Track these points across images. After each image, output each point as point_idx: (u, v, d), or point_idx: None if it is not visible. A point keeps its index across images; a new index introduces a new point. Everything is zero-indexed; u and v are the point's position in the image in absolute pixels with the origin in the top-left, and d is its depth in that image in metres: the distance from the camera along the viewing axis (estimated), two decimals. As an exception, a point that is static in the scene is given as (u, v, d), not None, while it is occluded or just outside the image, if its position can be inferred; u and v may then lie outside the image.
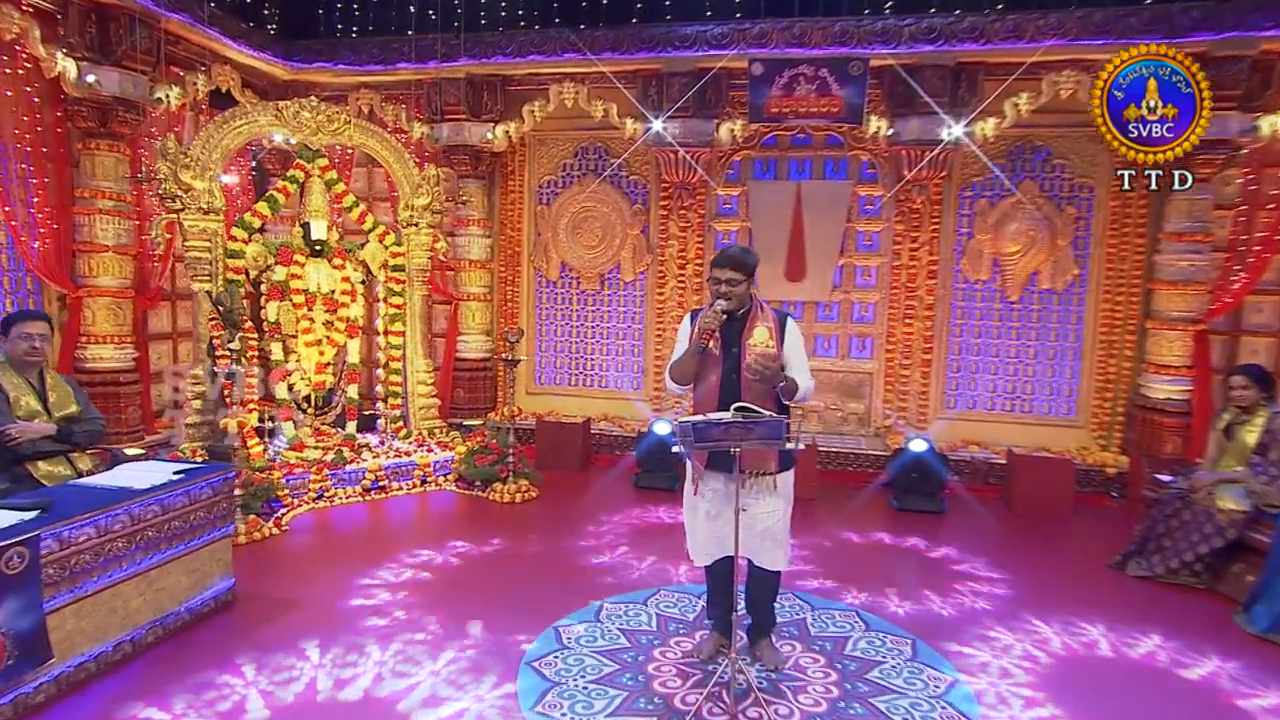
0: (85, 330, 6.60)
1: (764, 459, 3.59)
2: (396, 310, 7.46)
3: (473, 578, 5.03)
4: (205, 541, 4.42)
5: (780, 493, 3.65)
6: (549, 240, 8.62)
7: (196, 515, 4.36)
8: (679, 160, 7.73)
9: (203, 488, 4.39)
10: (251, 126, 6.64)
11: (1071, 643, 4.34)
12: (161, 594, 4.15)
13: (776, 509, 3.64)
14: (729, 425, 3.27)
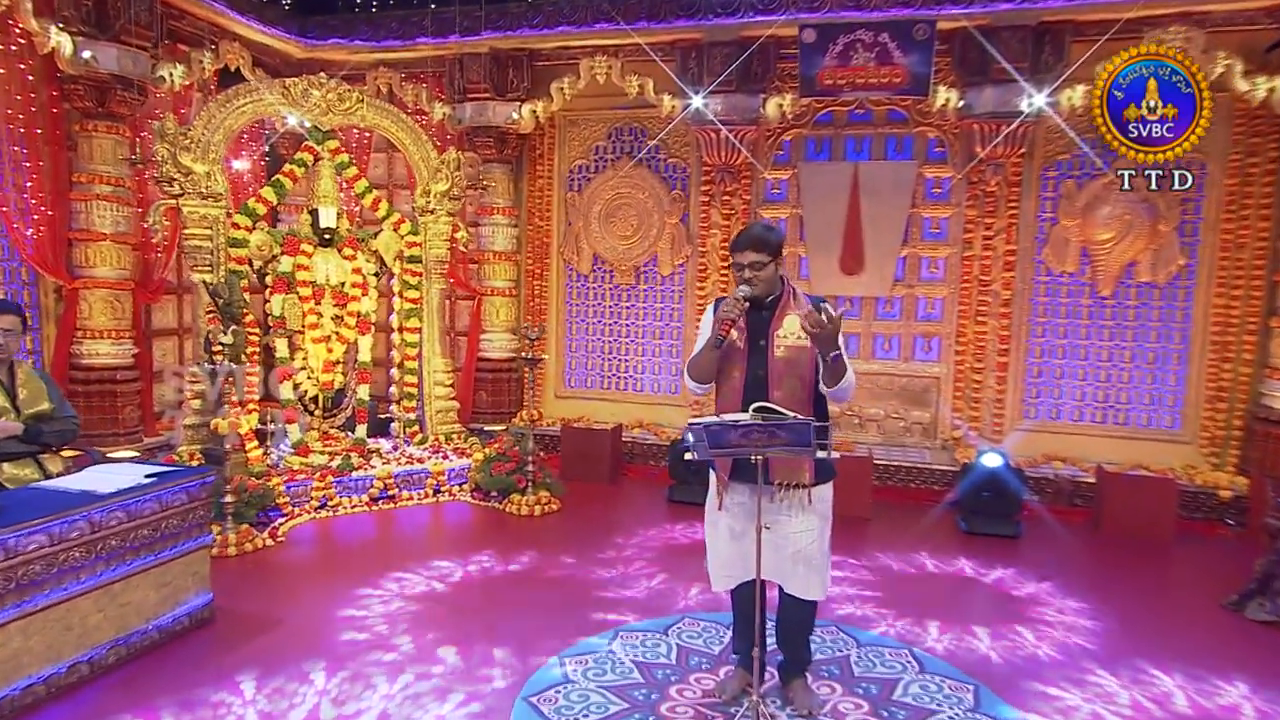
0: (81, 324, 6.57)
1: (796, 468, 3.29)
2: (412, 305, 7.30)
3: (476, 598, 4.80)
4: (178, 552, 4.24)
5: (816, 509, 3.35)
6: (580, 230, 8.41)
7: (169, 523, 4.18)
8: (721, 141, 7.42)
9: (176, 493, 4.21)
10: (256, 105, 6.54)
11: (1204, 703, 3.82)
12: (126, 610, 3.97)
13: (811, 528, 3.34)
14: (748, 428, 2.97)
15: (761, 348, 3.26)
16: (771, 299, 3.29)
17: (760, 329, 3.29)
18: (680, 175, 8.13)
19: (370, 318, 7.09)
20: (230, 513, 5.44)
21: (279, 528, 5.78)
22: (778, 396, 3.20)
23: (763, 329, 3.28)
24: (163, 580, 4.17)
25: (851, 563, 5.48)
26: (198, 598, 4.36)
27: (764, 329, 3.28)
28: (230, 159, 7.96)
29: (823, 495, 3.37)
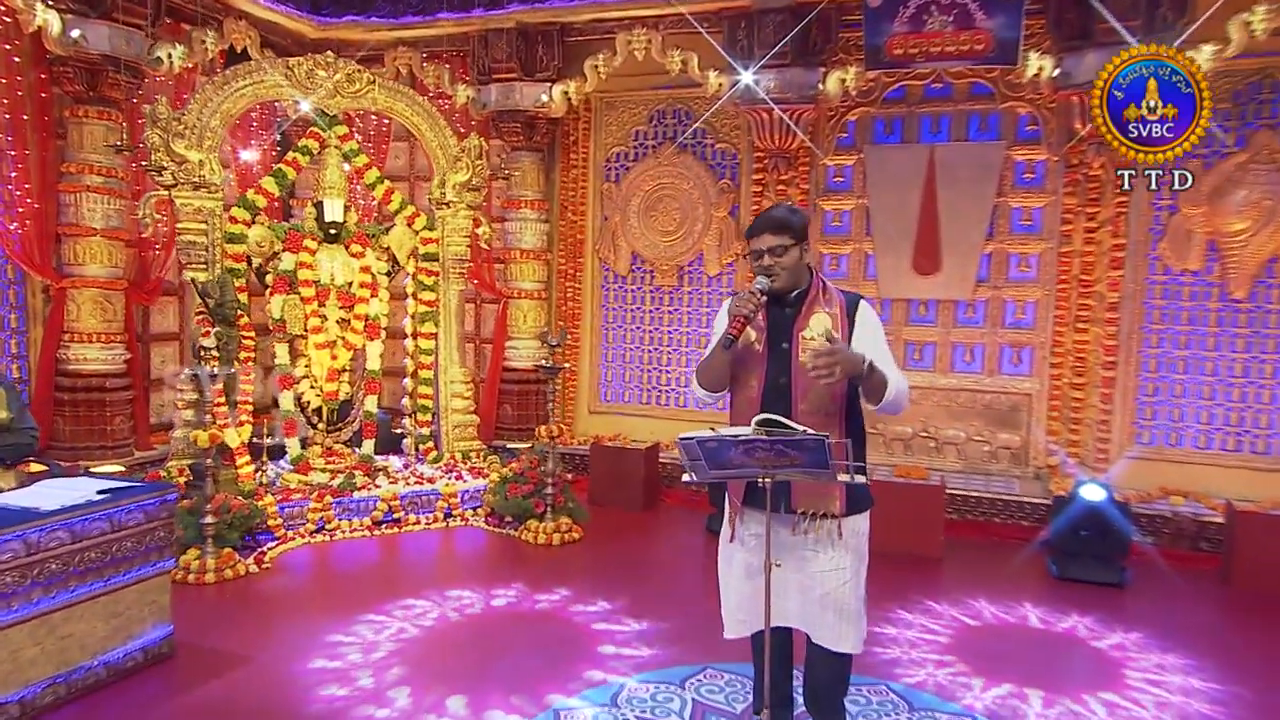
0: (68, 326, 6.56)
1: (823, 495, 2.98)
2: (427, 308, 7.14)
3: (470, 637, 4.55)
4: (133, 578, 4.07)
5: (849, 544, 3.03)
6: (617, 225, 8.21)
7: (122, 546, 4.01)
8: (775, 122, 7.11)
9: (131, 512, 4.04)
10: (257, 88, 6.46)
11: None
12: (68, 643, 3.80)
13: (843, 566, 3.03)
14: (752, 445, 2.68)
15: (784, 351, 3.00)
16: (797, 293, 3.04)
17: (783, 328, 3.02)
18: (729, 163, 7.86)
19: (380, 321, 6.95)
20: (210, 535, 5.29)
21: (266, 553, 5.61)
22: (802, 409, 2.94)
23: (785, 328, 3.01)
24: (113, 610, 3.99)
25: (914, 613, 5.06)
26: (155, 630, 4.18)
27: (787, 328, 3.01)
28: (238, 149, 7.96)
29: (857, 528, 3.05)
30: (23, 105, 6.31)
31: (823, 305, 3.02)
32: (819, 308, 3.01)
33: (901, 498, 6.13)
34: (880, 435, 7.46)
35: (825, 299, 3.04)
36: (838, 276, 7.56)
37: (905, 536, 6.03)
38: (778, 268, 2.98)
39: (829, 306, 3.02)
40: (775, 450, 2.70)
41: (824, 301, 3.03)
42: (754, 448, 2.70)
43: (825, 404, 2.94)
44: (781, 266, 2.98)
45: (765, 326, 3.04)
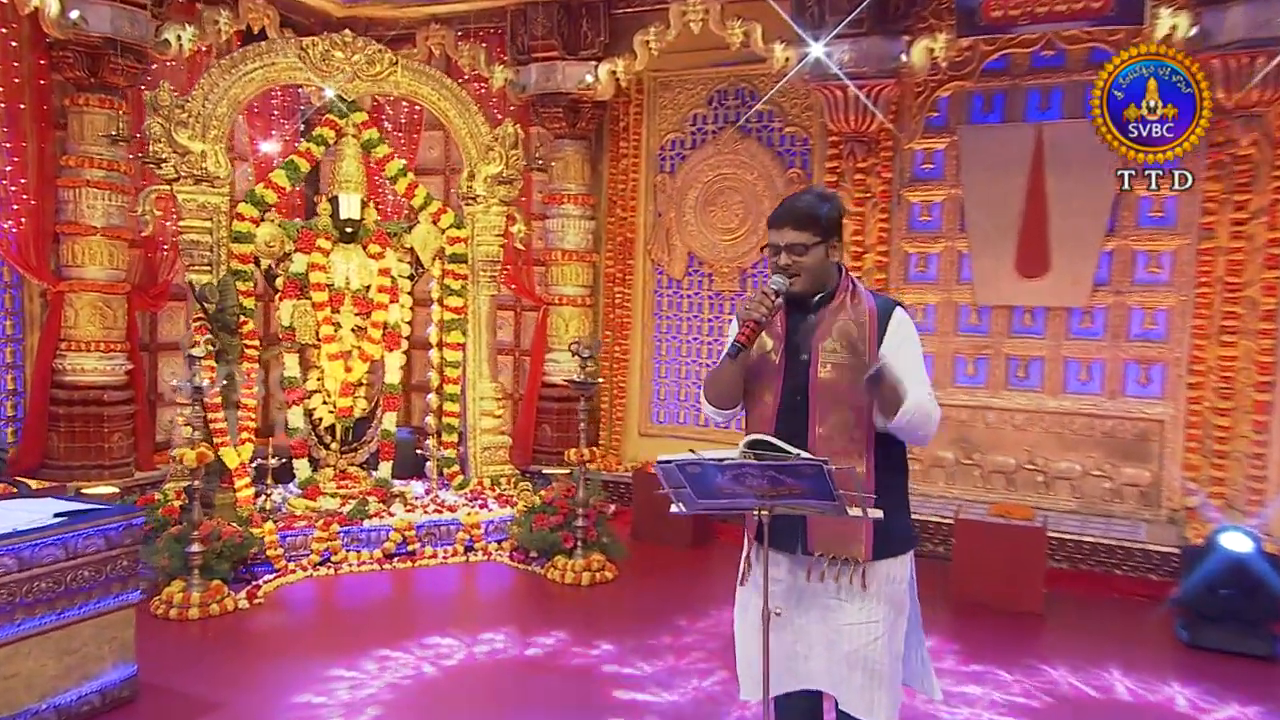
0: (65, 333, 6.71)
1: (845, 536, 2.83)
2: (454, 315, 7.12)
3: (468, 690, 4.48)
4: (90, 612, 4.06)
5: (881, 594, 2.87)
6: (672, 222, 8.11)
7: (79, 575, 4.00)
8: (850, 101, 6.89)
9: (89, 537, 4.03)
10: (268, 71, 6.53)
11: None
12: (13, 683, 3.79)
13: (873, 619, 2.87)
14: (740, 470, 2.55)
15: (802, 364, 2.88)
16: (821, 296, 2.92)
17: (803, 337, 2.90)
18: (800, 149, 7.70)
19: (401, 330, 6.94)
20: (197, 565, 5.30)
21: (261, 587, 5.60)
22: (820, 433, 2.82)
23: (805, 337, 2.89)
24: (66, 647, 3.98)
25: (1006, 678, 4.73)
26: (114, 671, 4.16)
27: (806, 337, 2.89)
28: (257, 138, 8.09)
29: (892, 574, 2.88)
30: (20, 93, 6.51)
31: (849, 312, 2.90)
32: (845, 315, 2.89)
33: (994, 540, 5.87)
34: (977, 466, 7.14)
35: (853, 304, 2.91)
36: (925, 280, 7.30)
37: (998, 586, 5.79)
38: (797, 268, 2.86)
39: (856, 314, 2.90)
40: (768, 477, 2.56)
41: (851, 307, 2.90)
42: (743, 474, 2.57)
43: (848, 426, 2.80)
44: (802, 267, 2.86)
45: (784, 334, 2.92)
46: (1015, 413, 7.06)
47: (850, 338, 2.87)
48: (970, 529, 6.00)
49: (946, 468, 7.24)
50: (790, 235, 2.87)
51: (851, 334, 2.87)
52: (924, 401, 2.77)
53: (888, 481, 2.82)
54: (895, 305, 2.96)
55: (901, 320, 2.92)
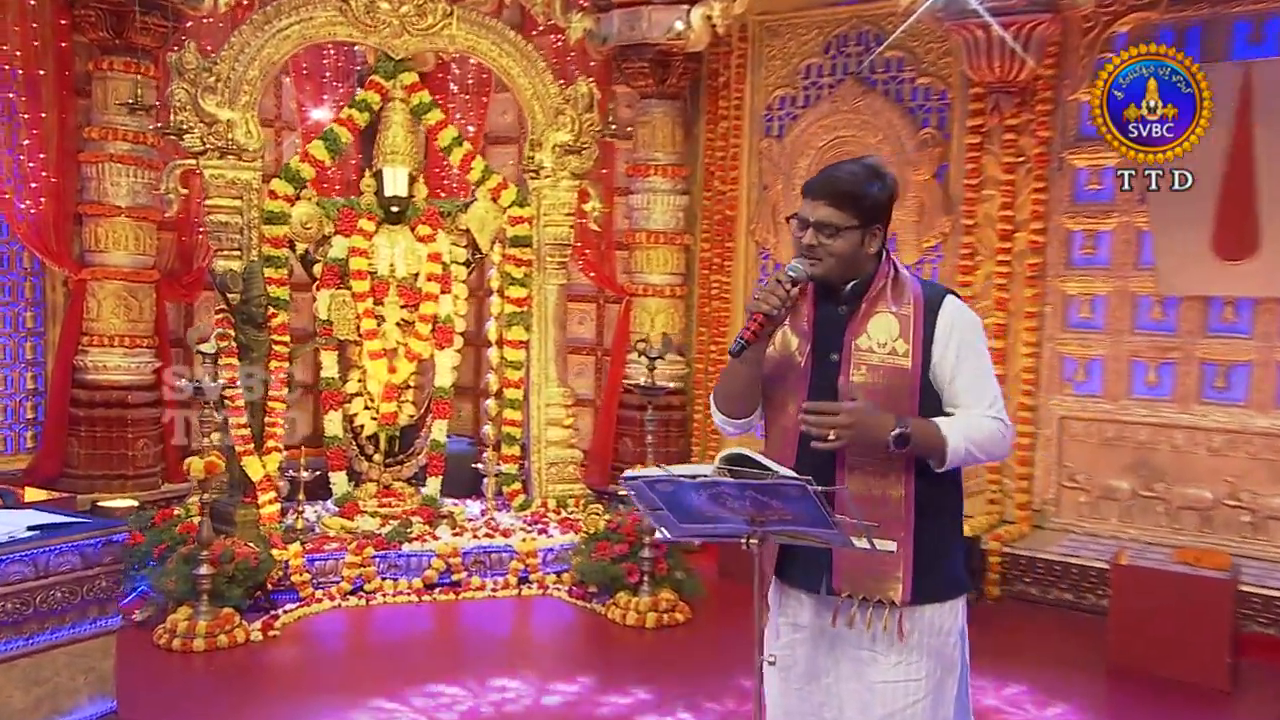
0: (87, 327, 7.07)
1: (876, 573, 2.81)
2: (516, 308, 7.21)
3: None
4: (64, 638, 4.21)
5: (923, 645, 2.86)
6: (779, 196, 8.07)
7: (50, 596, 4.16)
8: (995, 44, 6.67)
9: (63, 554, 4.20)
10: (304, 27, 6.73)
11: None
12: (-27, 715, 3.99)
13: (915, 677, 2.85)
14: (716, 489, 2.56)
15: (832, 365, 2.84)
16: (854, 285, 2.87)
17: (833, 334, 2.86)
18: (936, 103, 7.56)
19: (453, 324, 7.08)
20: (206, 590, 5.48)
21: (280, 617, 5.76)
22: (852, 451, 2.77)
23: (835, 334, 2.85)
24: (35, 676, 4.14)
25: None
26: (90, 705, 4.32)
27: (837, 335, 2.85)
28: (306, 104, 8.35)
29: (938, 624, 2.84)
30: (40, 59, 6.89)
31: (889, 303, 2.86)
32: (883, 306, 2.86)
33: (1163, 594, 5.55)
34: (1161, 500, 6.79)
35: (895, 294, 2.88)
36: (1093, 265, 7.01)
37: (1168, 651, 5.45)
38: (823, 251, 2.81)
39: (898, 304, 2.87)
40: (748, 498, 2.55)
41: (892, 297, 2.87)
42: (721, 493, 2.57)
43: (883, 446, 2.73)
44: (829, 252, 2.81)
45: (811, 330, 2.89)
46: (1212, 433, 6.70)
47: (891, 334, 2.84)
48: (1132, 578, 5.72)
49: (1121, 501, 6.91)
50: (823, 211, 2.82)
51: (893, 329, 2.84)
52: (976, 433, 2.76)
53: (933, 511, 2.80)
54: (947, 294, 2.93)
55: (956, 312, 2.88)
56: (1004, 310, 7.16)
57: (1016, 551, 6.70)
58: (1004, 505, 7.14)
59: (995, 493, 7.15)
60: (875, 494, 2.78)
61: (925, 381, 2.83)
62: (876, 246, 2.89)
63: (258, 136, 6.60)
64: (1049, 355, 7.10)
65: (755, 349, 2.83)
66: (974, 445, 2.76)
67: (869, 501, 2.75)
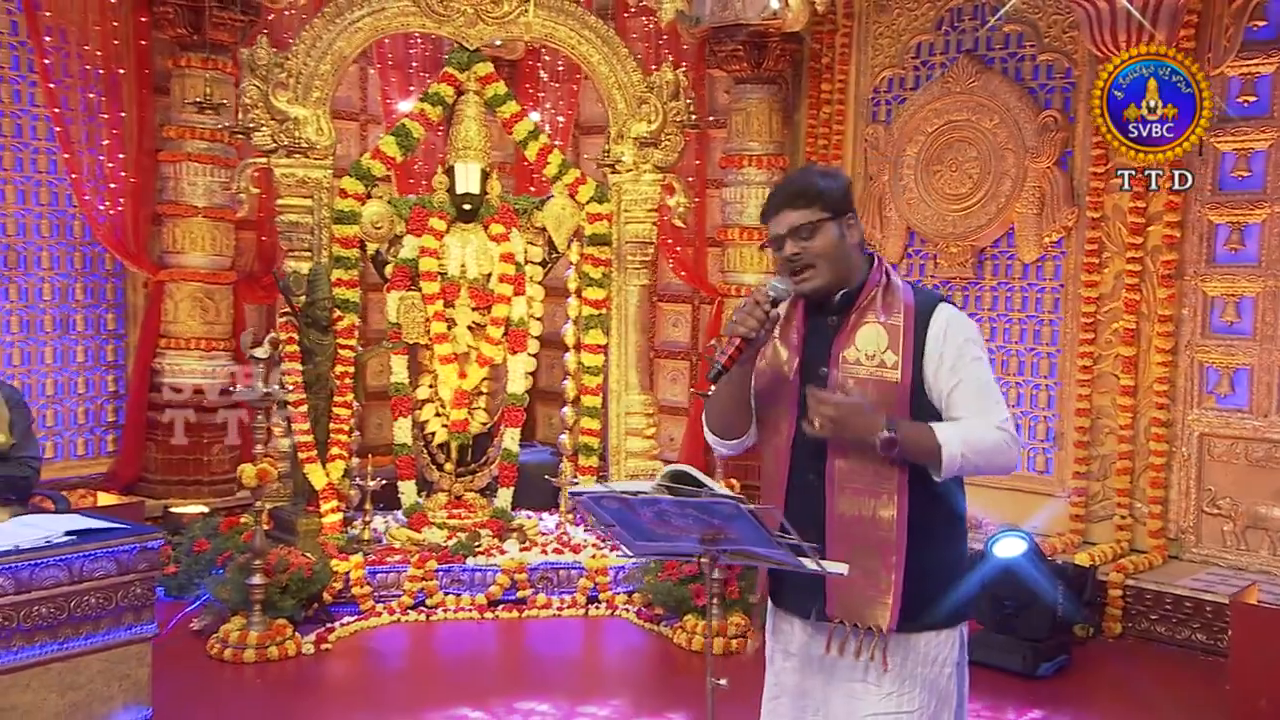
0: (164, 329, 7.72)
1: (865, 597, 2.96)
2: (595, 310, 7.49)
3: None
4: (98, 644, 4.69)
5: (915, 676, 3.00)
6: (886, 187, 8.18)
7: (84, 602, 4.66)
8: (1119, 16, 6.62)
9: (97, 559, 4.68)
10: (376, 19, 7.20)
11: None
12: (9, 716, 4.49)
13: (906, 709, 2.98)
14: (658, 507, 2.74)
15: (821, 378, 2.99)
16: (845, 294, 3.01)
17: (822, 346, 3.02)
18: (1060, 82, 7.55)
19: (528, 327, 7.41)
20: (258, 601, 5.96)
21: (335, 629, 6.21)
22: (841, 467, 2.95)
23: (825, 346, 3.01)
24: (70, 681, 4.64)
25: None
26: (125, 713, 4.80)
27: (824, 348, 3.01)
28: (392, 97, 8.85)
29: (931, 654, 3.00)
30: (119, 57, 7.57)
31: (879, 312, 2.98)
32: (872, 316, 2.99)
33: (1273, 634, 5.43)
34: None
35: (886, 303, 3.00)
36: (1240, 262, 6.89)
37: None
38: (808, 257, 2.96)
39: (888, 314, 2.99)
40: (689, 516, 2.73)
41: (883, 306, 2.99)
42: (663, 511, 2.75)
43: (876, 460, 2.88)
44: (814, 254, 2.95)
45: (800, 343, 3.04)
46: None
47: (879, 345, 2.96)
48: (1254, 619, 5.61)
49: (1271, 531, 6.75)
50: (790, 218, 2.97)
51: (881, 340, 2.96)
52: (975, 439, 2.86)
53: (927, 534, 2.90)
54: (940, 301, 3.03)
55: (949, 321, 2.98)
56: (1134, 313, 7.11)
57: (1142, 585, 6.62)
58: (1134, 532, 7.07)
59: (1124, 518, 7.09)
60: (865, 514, 2.91)
61: (917, 395, 2.95)
62: (857, 236, 3.03)
63: (329, 133, 7.09)
64: (1187, 364, 7.00)
65: (744, 366, 2.98)
66: (972, 452, 2.85)
67: (859, 522, 2.91)
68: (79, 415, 7.81)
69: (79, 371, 7.82)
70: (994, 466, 2.93)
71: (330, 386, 6.89)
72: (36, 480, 5.38)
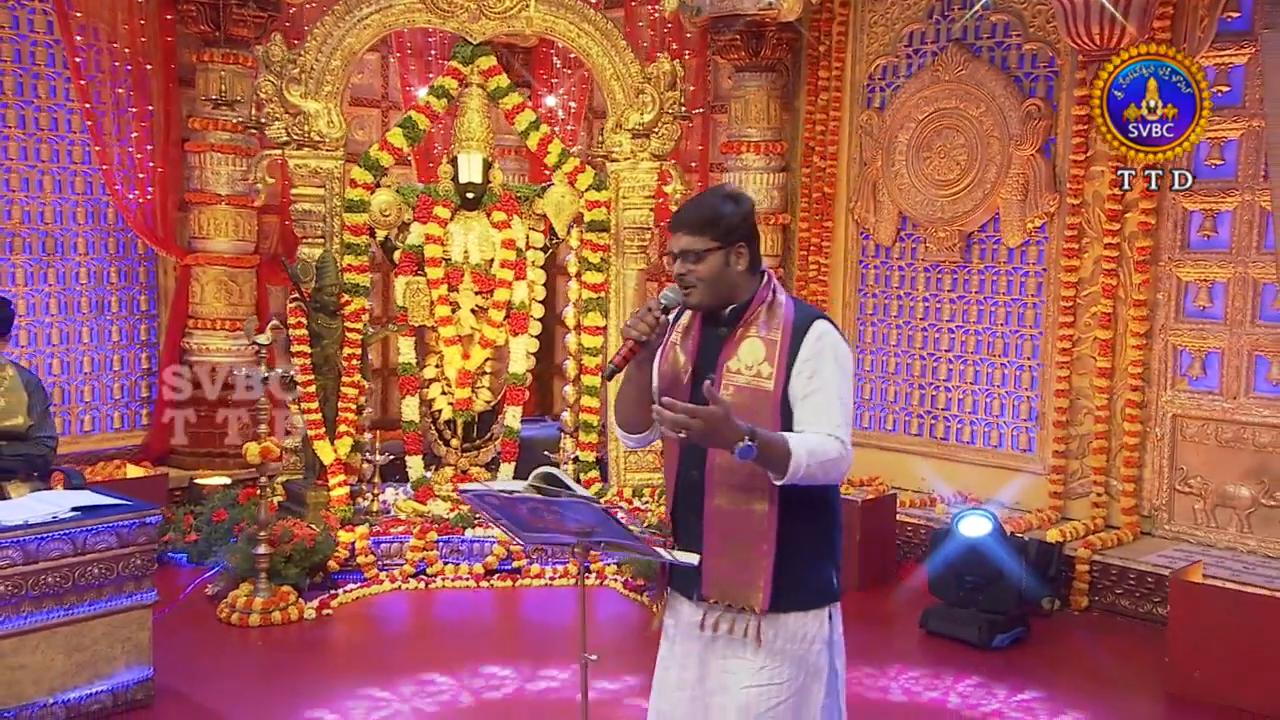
0: (192, 310, 8.15)
1: (739, 580, 3.18)
2: (593, 293, 7.77)
3: None
4: (100, 610, 5.12)
5: (786, 652, 3.20)
6: (878, 173, 8.32)
7: (88, 572, 5.08)
8: (1093, 9, 6.70)
9: (99, 533, 5.11)
10: (384, 15, 7.53)
11: None
12: (20, 675, 4.93)
13: (776, 681, 3.18)
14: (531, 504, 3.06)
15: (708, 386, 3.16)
16: (733, 309, 3.23)
17: (711, 355, 3.24)
18: (1044, 71, 7.66)
19: (529, 310, 7.72)
20: (264, 569, 6.37)
21: (337, 596, 6.61)
22: (720, 464, 3.14)
23: (714, 355, 3.23)
24: (75, 643, 5.08)
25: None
26: (128, 672, 5.23)
27: (714, 355, 3.22)
28: (410, 83, 9.16)
29: (800, 632, 3.20)
30: (147, 53, 7.97)
31: (761, 328, 3.18)
32: (755, 330, 3.18)
33: (1234, 614, 5.60)
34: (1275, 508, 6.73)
35: (768, 319, 3.19)
36: (1212, 248, 6.99)
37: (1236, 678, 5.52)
38: (692, 278, 3.16)
39: (769, 329, 3.18)
40: (554, 512, 3.02)
41: (765, 322, 3.19)
42: (536, 509, 3.05)
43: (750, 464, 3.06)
44: (698, 277, 3.16)
45: (695, 350, 3.25)
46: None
47: (757, 357, 3.16)
48: (1192, 594, 5.78)
49: (1239, 509, 6.90)
50: (684, 240, 3.16)
51: (759, 353, 3.16)
52: (823, 450, 3.01)
53: (798, 526, 3.11)
54: (816, 318, 3.20)
55: (820, 336, 3.16)
56: (1111, 297, 7.24)
57: (1108, 560, 6.80)
58: (1109, 509, 7.24)
59: (1100, 495, 7.26)
60: (741, 508, 3.11)
61: (786, 402, 3.13)
62: (744, 264, 3.18)
63: (339, 125, 7.45)
64: (1161, 347, 7.13)
65: (641, 369, 3.21)
66: (816, 463, 2.99)
67: (735, 514, 3.13)
68: (114, 391, 8.30)
69: (114, 350, 8.30)
70: (829, 477, 3.09)
71: (338, 367, 7.28)
72: (54, 458, 5.82)
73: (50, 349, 7.96)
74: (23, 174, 7.83)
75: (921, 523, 7.55)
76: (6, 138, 7.77)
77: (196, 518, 7.23)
